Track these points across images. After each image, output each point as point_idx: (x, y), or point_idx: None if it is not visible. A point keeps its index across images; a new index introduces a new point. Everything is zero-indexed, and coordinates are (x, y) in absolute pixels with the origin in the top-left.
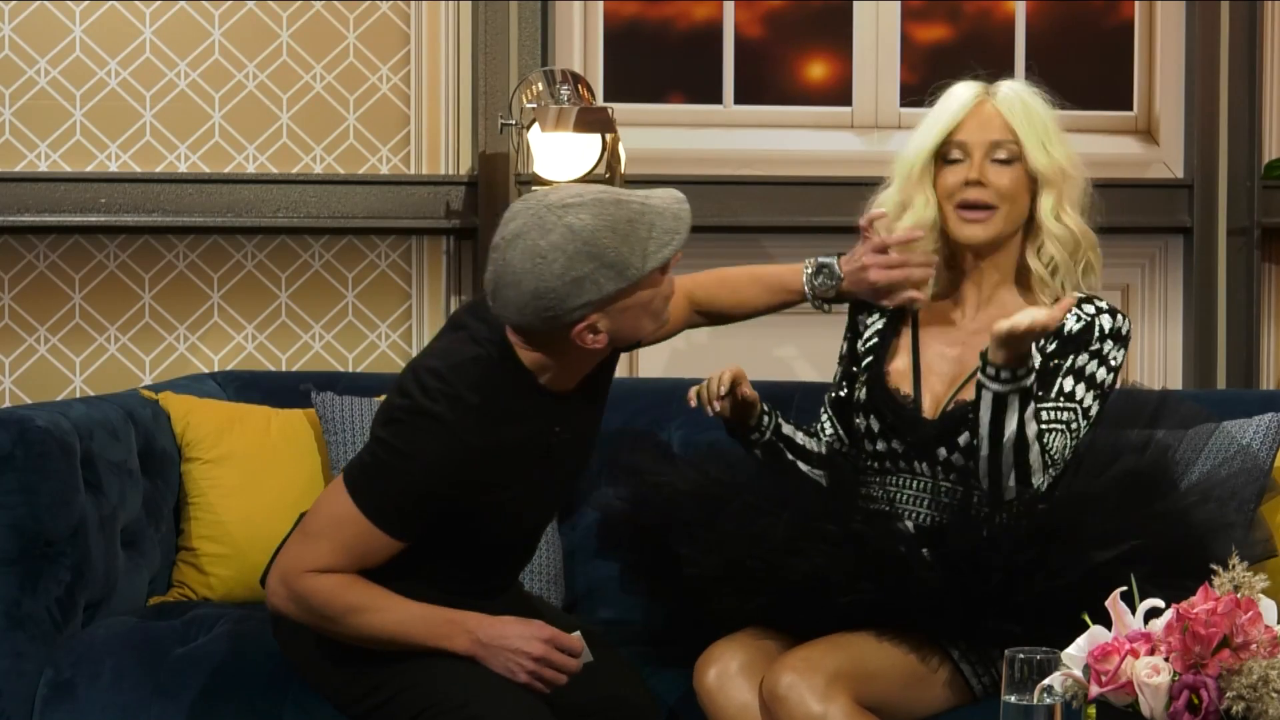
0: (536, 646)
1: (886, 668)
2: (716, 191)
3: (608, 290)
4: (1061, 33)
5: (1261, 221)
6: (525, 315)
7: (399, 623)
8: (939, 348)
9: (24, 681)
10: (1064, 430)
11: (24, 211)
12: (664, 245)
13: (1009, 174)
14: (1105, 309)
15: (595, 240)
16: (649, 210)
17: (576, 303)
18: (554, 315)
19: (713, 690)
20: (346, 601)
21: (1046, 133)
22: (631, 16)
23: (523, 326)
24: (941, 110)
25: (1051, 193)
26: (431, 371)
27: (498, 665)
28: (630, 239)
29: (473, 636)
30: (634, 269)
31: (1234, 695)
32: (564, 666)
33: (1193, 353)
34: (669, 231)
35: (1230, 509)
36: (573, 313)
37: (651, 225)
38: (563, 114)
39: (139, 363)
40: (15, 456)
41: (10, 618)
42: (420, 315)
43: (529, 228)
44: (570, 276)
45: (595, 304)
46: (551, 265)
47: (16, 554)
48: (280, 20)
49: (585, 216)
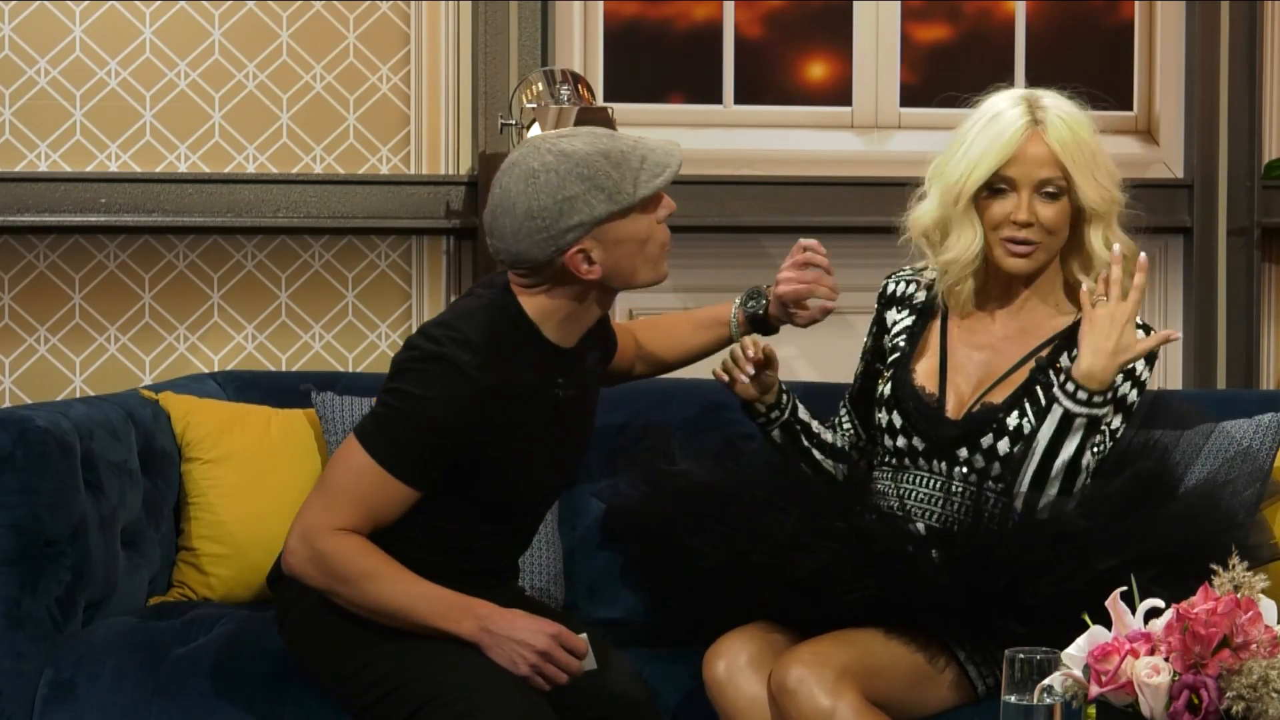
0: (542, 640)
1: (894, 664)
2: (716, 191)
3: (599, 212)
4: (1061, 33)
5: (1261, 221)
6: (520, 240)
7: (411, 596)
8: (967, 350)
9: (24, 681)
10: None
11: (24, 211)
12: (655, 175)
13: (1055, 209)
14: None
15: (588, 162)
16: (641, 145)
17: (569, 223)
18: (547, 236)
19: (722, 682)
20: (363, 566)
21: (1094, 161)
22: (631, 16)
23: (519, 256)
24: (991, 140)
25: (1101, 223)
26: (437, 324)
27: (500, 655)
28: (622, 166)
29: (480, 623)
30: (625, 194)
31: (1234, 695)
32: (566, 665)
33: (1192, 353)
34: (660, 164)
35: (1234, 511)
36: (565, 234)
37: (644, 157)
38: (563, 114)
39: (139, 363)
40: (15, 456)
41: (10, 618)
42: (420, 315)
43: (524, 155)
44: (562, 195)
45: (587, 225)
46: (544, 185)
47: (16, 554)
48: (280, 20)
49: (578, 143)
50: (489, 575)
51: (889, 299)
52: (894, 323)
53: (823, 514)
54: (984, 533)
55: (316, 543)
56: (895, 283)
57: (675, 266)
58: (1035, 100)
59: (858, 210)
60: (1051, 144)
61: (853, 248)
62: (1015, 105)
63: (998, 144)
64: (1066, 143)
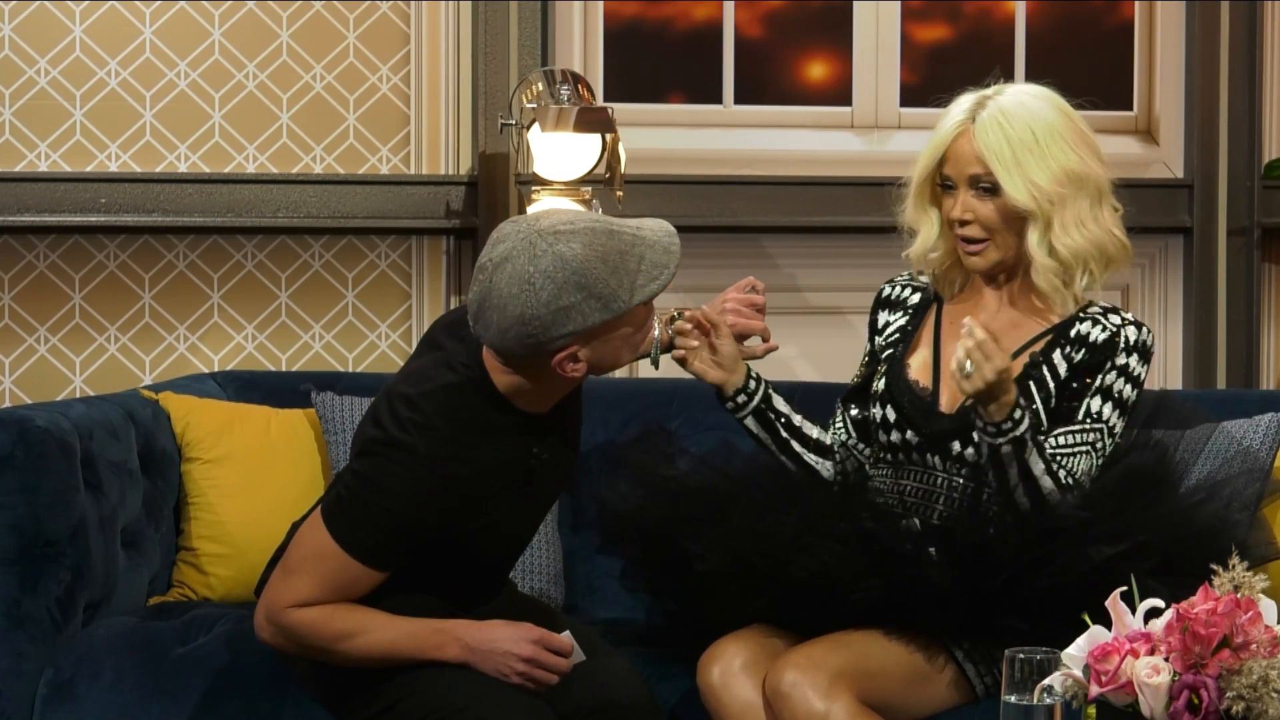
0: (526, 648)
1: (890, 666)
2: (716, 191)
3: (593, 321)
4: (1061, 33)
5: (1261, 221)
6: (507, 340)
7: (389, 642)
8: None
9: (24, 681)
10: (1089, 451)
11: (24, 211)
12: (652, 279)
13: (991, 206)
14: (1130, 320)
15: (585, 270)
16: (640, 242)
17: (561, 331)
18: (536, 343)
19: (716, 687)
20: (332, 630)
21: (1029, 159)
22: (631, 16)
23: (503, 351)
24: (931, 139)
25: (1037, 225)
26: (404, 399)
27: (489, 669)
28: (620, 271)
29: (462, 643)
30: (621, 301)
31: (1234, 695)
32: (554, 666)
33: (1193, 353)
34: (658, 265)
35: (1233, 509)
36: (555, 341)
37: (641, 258)
38: (563, 114)
39: (139, 363)
40: (15, 456)
41: (10, 618)
42: (420, 315)
43: (519, 252)
44: (557, 305)
45: (579, 334)
46: (539, 293)
47: (16, 554)
48: (280, 20)
49: (576, 246)
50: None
51: (881, 302)
52: (885, 324)
53: (823, 515)
54: (982, 528)
55: (280, 620)
56: (890, 287)
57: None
58: (985, 99)
59: (858, 210)
60: (976, 141)
61: (853, 248)
62: (964, 103)
63: (933, 143)
64: (991, 141)
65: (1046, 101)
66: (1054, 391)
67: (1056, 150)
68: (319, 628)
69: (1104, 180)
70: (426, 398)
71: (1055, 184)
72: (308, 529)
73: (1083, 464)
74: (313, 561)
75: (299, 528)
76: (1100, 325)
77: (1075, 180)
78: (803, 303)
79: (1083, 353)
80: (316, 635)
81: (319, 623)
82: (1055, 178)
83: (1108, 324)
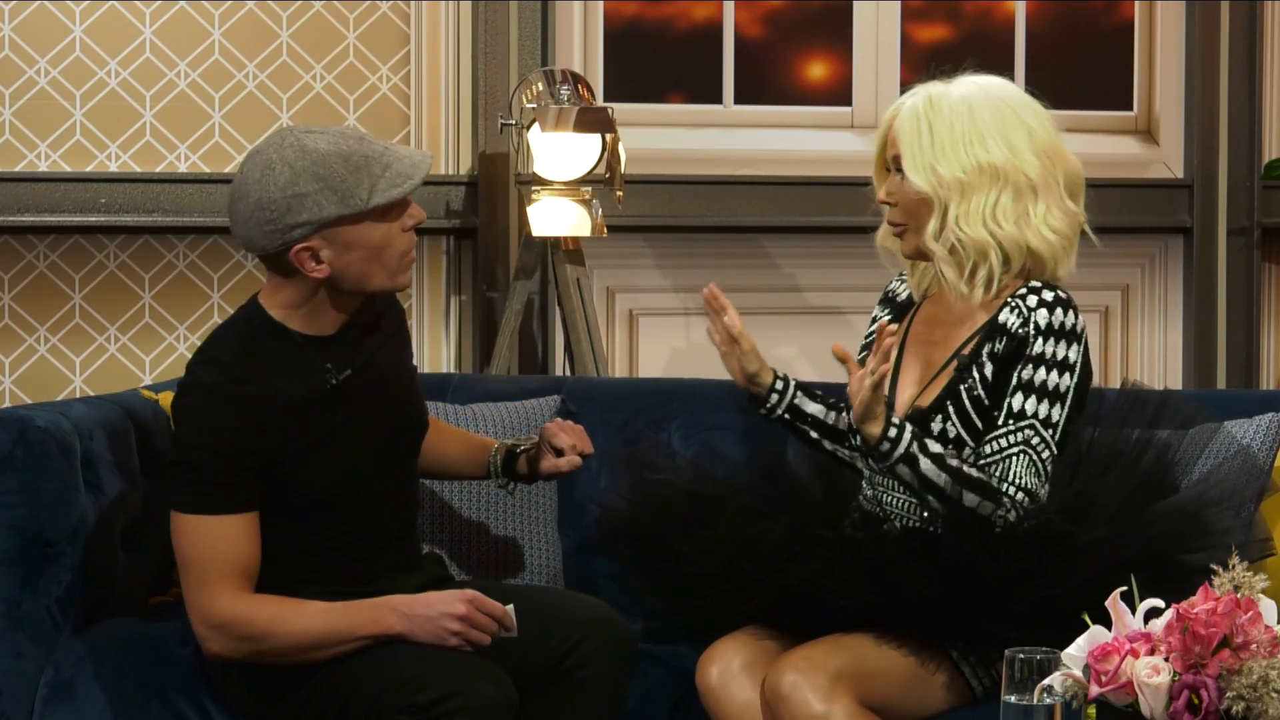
0: (459, 607)
1: (888, 668)
2: (716, 191)
3: (327, 214)
4: (1061, 33)
5: (1261, 221)
6: (250, 228)
7: (325, 619)
8: (916, 347)
9: (24, 681)
10: (1024, 451)
11: (24, 211)
12: (393, 186)
13: (904, 189)
14: (1047, 301)
15: (324, 163)
16: (389, 153)
17: (296, 219)
18: (274, 230)
19: (715, 689)
20: (268, 614)
21: (938, 148)
22: (631, 16)
23: (249, 242)
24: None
25: (936, 215)
26: (193, 355)
27: (426, 635)
28: (360, 171)
29: (398, 612)
30: (357, 200)
31: (1234, 695)
32: (485, 626)
33: (1193, 353)
34: (402, 175)
35: (1230, 510)
36: (292, 230)
37: (387, 166)
38: (563, 114)
39: (139, 363)
40: (15, 456)
41: (10, 618)
42: (420, 315)
43: (267, 144)
44: (292, 191)
45: (314, 225)
46: (277, 178)
47: (16, 554)
48: (280, 20)
49: (322, 141)
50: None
51: (883, 298)
52: (874, 320)
53: (812, 523)
54: (969, 540)
55: (212, 619)
56: (896, 281)
57: (676, 266)
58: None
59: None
60: (895, 123)
61: (853, 248)
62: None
63: (878, 132)
64: (905, 125)
65: (988, 93)
66: (984, 394)
67: (973, 140)
68: (254, 615)
69: (1043, 180)
70: (208, 341)
71: (959, 172)
72: (172, 531)
73: (1020, 466)
74: (193, 547)
75: None
76: (1016, 310)
77: (989, 173)
78: (803, 303)
79: (1004, 342)
80: (253, 622)
81: (253, 610)
82: (962, 166)
83: (1023, 307)
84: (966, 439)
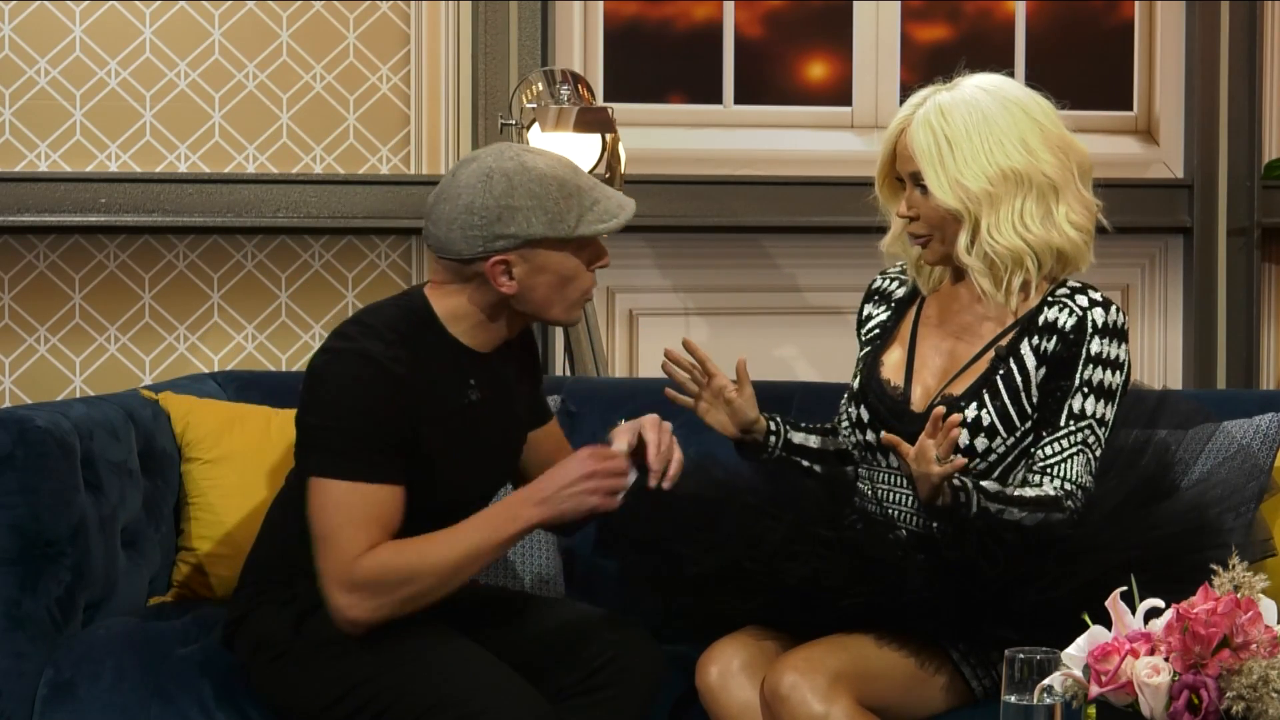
0: (586, 465)
1: (888, 668)
2: (716, 191)
3: (534, 232)
4: (1061, 33)
5: (1261, 221)
6: (452, 231)
7: (464, 539)
8: (934, 340)
9: (24, 681)
10: (1082, 450)
11: (24, 211)
12: (600, 220)
13: (928, 202)
14: (1099, 300)
15: (541, 182)
16: (599, 189)
17: (504, 230)
18: (478, 236)
19: (715, 689)
20: (408, 554)
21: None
22: (631, 16)
23: (445, 243)
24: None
25: (966, 228)
26: (349, 322)
27: (569, 509)
28: (572, 199)
29: (531, 502)
30: (565, 225)
31: (1234, 695)
32: (616, 470)
33: (1193, 353)
34: (609, 213)
35: (1230, 510)
36: (497, 240)
37: (596, 201)
38: (563, 114)
39: (139, 363)
40: (15, 456)
41: (10, 618)
42: None
43: (486, 154)
44: (507, 202)
45: (519, 240)
46: (494, 186)
47: (16, 554)
48: (280, 20)
49: (542, 162)
50: None
51: (870, 294)
52: (869, 317)
53: (813, 522)
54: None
55: (357, 578)
56: (880, 279)
57: (676, 266)
58: (932, 94)
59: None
60: (908, 139)
61: (853, 248)
62: (913, 99)
63: (884, 140)
64: (920, 141)
65: (994, 96)
66: (1021, 386)
67: (993, 148)
68: (395, 559)
69: (1061, 176)
70: (368, 312)
71: (986, 184)
72: (313, 498)
73: (1079, 465)
74: (334, 515)
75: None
76: (1068, 309)
77: (1013, 179)
78: (803, 303)
79: (1053, 340)
80: (398, 568)
81: (393, 557)
82: (987, 177)
83: (1075, 307)
84: (999, 427)
